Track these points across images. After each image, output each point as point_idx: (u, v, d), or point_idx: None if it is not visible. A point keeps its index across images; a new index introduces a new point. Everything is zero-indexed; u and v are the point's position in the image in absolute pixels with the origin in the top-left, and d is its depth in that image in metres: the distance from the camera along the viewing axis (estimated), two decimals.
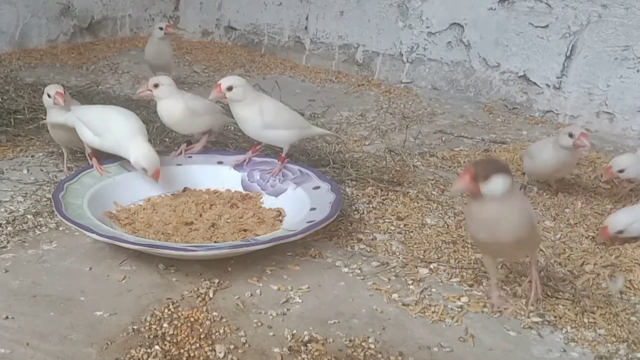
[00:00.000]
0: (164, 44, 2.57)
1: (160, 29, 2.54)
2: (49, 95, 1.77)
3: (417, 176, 1.98)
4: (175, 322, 1.27)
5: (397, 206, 1.79)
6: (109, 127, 1.69)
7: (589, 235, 1.70)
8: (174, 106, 1.77)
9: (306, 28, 3.24)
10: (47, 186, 1.77)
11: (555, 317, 1.36)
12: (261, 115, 1.70)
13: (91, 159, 1.73)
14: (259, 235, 1.52)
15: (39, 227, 1.60)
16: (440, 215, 1.77)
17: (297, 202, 1.66)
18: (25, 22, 3.01)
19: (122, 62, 3.00)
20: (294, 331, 1.27)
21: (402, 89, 2.89)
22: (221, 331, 1.26)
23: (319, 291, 1.42)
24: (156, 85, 1.76)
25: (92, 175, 1.67)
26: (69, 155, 1.90)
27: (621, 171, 1.78)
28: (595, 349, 1.28)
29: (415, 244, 1.62)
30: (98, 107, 1.84)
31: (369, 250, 1.59)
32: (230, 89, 1.67)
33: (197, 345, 1.21)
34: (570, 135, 1.75)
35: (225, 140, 2.04)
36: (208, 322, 1.28)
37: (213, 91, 1.69)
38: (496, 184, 1.21)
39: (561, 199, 1.89)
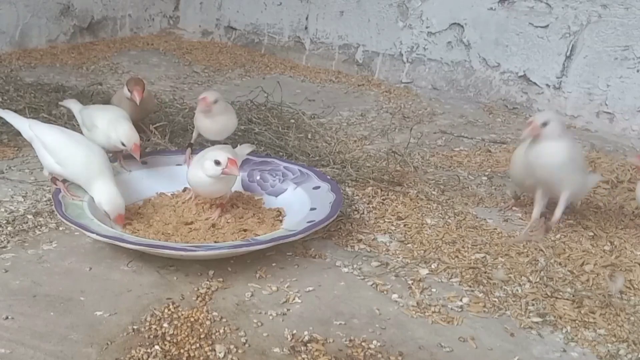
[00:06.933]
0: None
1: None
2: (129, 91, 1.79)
3: (417, 176, 1.98)
4: (175, 322, 1.27)
5: (397, 206, 1.79)
6: (72, 158, 1.57)
7: (589, 236, 1.70)
8: None
9: (306, 28, 3.23)
10: (47, 186, 1.77)
11: (555, 317, 1.36)
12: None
13: (55, 183, 1.60)
14: (259, 235, 1.52)
15: (39, 227, 1.60)
16: (440, 215, 1.77)
17: (297, 202, 1.66)
18: (25, 22, 3.01)
19: (122, 62, 3.00)
20: (294, 331, 1.27)
21: (402, 89, 2.89)
22: (221, 331, 1.26)
23: (319, 291, 1.42)
24: None
25: None
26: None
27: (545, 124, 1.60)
28: (595, 349, 1.28)
29: (415, 244, 1.62)
30: (59, 133, 1.64)
31: (369, 250, 1.59)
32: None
33: (197, 345, 1.21)
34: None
35: (226, 141, 2.04)
36: (208, 322, 1.28)
37: None
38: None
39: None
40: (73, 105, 1.89)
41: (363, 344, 1.25)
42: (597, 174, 1.89)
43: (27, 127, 1.66)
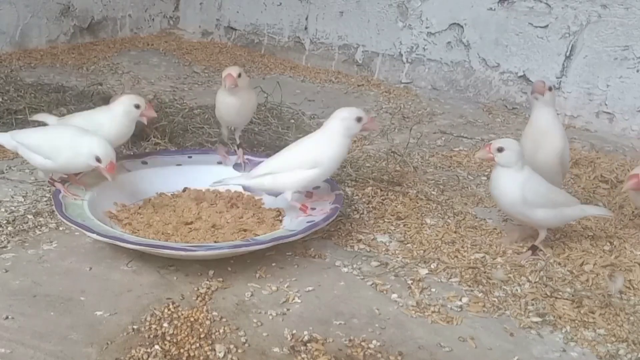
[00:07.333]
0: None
1: (137, 107, 1.69)
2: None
3: (417, 176, 1.98)
4: (175, 322, 1.27)
5: (396, 206, 1.79)
6: (57, 148, 1.56)
7: (588, 235, 1.70)
8: None
9: (306, 28, 3.24)
10: (47, 186, 1.77)
11: (554, 317, 1.37)
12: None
13: (54, 184, 1.59)
14: (259, 235, 1.53)
15: (39, 227, 1.60)
16: (440, 215, 1.77)
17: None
18: (25, 22, 3.01)
19: (122, 62, 3.00)
20: (294, 331, 1.27)
21: (402, 89, 2.89)
22: (221, 331, 1.26)
23: (319, 291, 1.42)
24: None
25: (92, 175, 1.67)
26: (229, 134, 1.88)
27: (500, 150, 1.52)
28: (595, 348, 1.28)
29: (415, 244, 1.62)
30: (37, 131, 1.68)
31: (369, 250, 1.59)
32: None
33: (197, 345, 1.21)
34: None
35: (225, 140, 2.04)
36: (208, 322, 1.28)
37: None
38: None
39: None
40: (49, 120, 1.82)
41: (363, 343, 1.25)
42: (591, 207, 1.68)
43: (9, 138, 1.64)
